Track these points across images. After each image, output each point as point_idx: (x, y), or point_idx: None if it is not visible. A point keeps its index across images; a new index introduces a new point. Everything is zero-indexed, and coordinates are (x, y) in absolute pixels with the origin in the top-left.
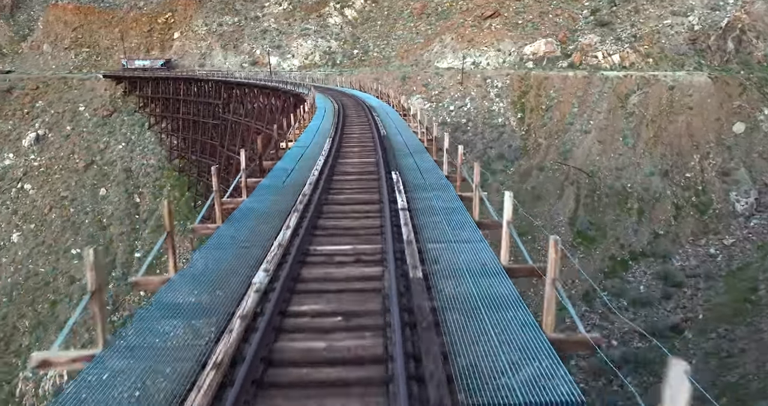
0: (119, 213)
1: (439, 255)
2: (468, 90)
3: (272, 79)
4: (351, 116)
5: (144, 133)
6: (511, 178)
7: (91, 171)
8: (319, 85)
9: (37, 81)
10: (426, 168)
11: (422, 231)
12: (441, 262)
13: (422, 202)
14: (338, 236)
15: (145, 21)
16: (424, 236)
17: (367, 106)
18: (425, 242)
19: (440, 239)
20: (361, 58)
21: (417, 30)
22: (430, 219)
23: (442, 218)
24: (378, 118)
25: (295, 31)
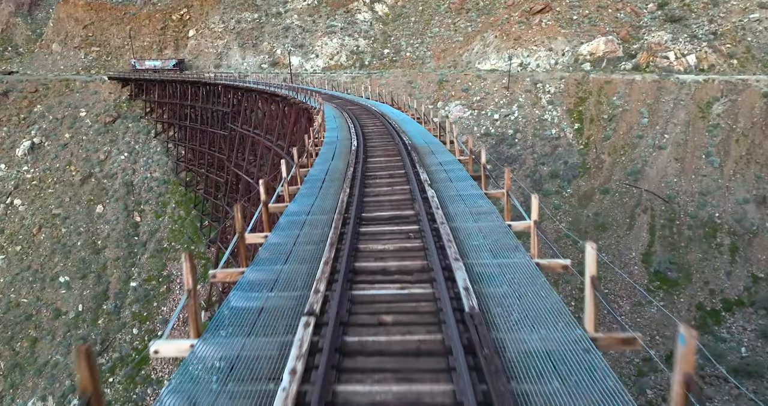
0: (116, 234)
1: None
2: (515, 96)
3: (284, 85)
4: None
5: (149, 141)
6: (568, 202)
7: (88, 185)
8: (337, 95)
9: (36, 83)
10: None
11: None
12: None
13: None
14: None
15: (159, 18)
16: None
17: (407, 147)
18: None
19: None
20: (392, 59)
21: (455, 27)
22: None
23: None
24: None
25: (320, 29)
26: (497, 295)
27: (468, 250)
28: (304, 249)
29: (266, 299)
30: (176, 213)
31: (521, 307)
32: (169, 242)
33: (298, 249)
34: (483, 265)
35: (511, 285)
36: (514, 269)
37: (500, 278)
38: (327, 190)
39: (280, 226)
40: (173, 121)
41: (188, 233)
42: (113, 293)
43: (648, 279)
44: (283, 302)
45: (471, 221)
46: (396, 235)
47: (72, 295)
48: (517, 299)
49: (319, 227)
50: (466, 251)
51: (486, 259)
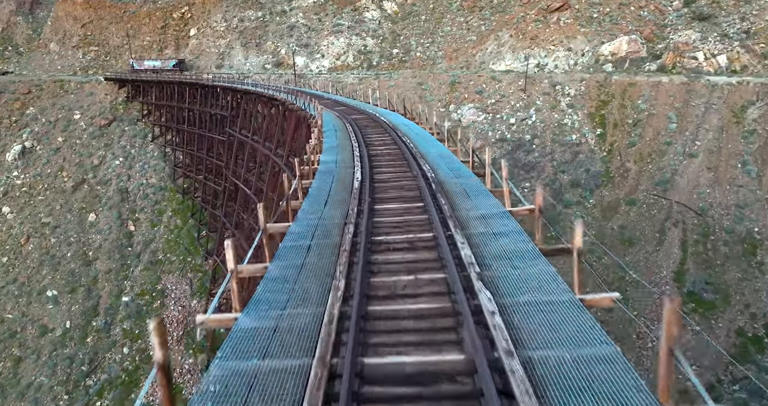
0: (108, 245)
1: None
2: (532, 99)
3: (283, 88)
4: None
5: (146, 146)
6: (591, 213)
7: (80, 192)
8: (342, 101)
9: (30, 84)
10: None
11: None
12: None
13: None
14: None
15: (159, 16)
16: None
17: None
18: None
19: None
20: (401, 59)
21: (468, 26)
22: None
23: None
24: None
25: (326, 28)
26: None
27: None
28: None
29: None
30: (173, 222)
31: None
32: (164, 253)
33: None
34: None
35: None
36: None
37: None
38: (305, 284)
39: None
40: (171, 125)
41: (185, 243)
42: (103, 309)
43: (681, 300)
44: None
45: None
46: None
47: (60, 310)
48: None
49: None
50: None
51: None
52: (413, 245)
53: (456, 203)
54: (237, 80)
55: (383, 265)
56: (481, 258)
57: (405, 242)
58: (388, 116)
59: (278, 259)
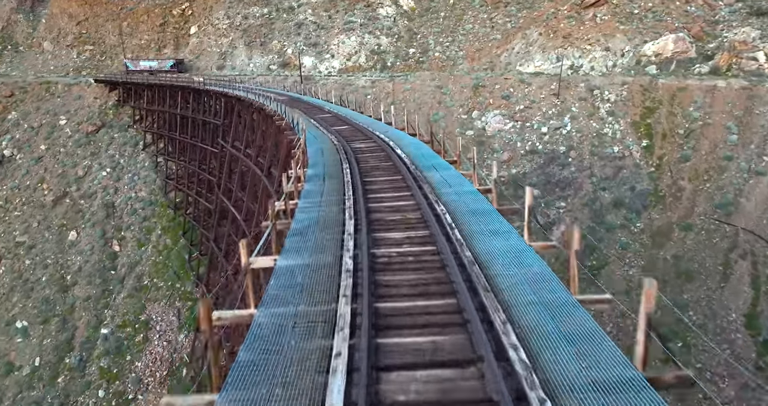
0: (89, 267)
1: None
2: (567, 105)
3: (279, 95)
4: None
5: (137, 155)
6: (638, 240)
7: (61, 207)
8: (346, 118)
9: (14, 86)
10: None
11: None
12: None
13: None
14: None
15: (158, 13)
16: None
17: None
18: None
19: None
20: (418, 60)
21: (492, 23)
22: None
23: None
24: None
25: (337, 25)
26: None
27: None
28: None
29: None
30: (162, 242)
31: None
32: (150, 278)
33: None
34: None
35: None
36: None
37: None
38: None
39: None
40: (163, 132)
41: (174, 266)
42: (79, 343)
43: (756, 352)
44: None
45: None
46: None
47: (29, 344)
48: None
49: None
50: None
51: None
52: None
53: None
54: (229, 84)
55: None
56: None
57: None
58: (410, 147)
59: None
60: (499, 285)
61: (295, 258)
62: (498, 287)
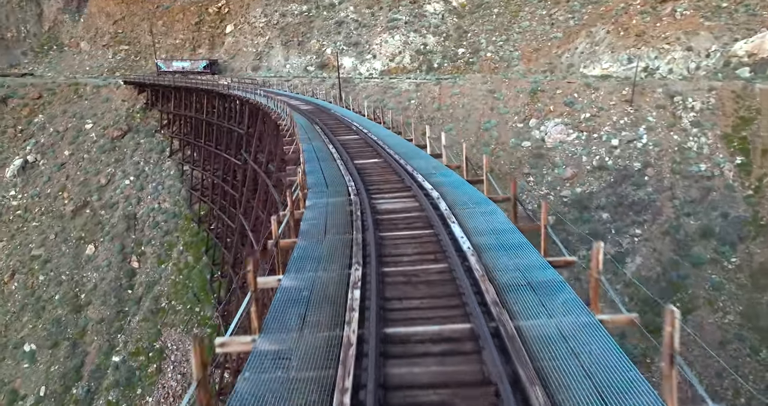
0: (105, 285)
1: None
2: (642, 113)
3: (299, 101)
4: None
5: (162, 162)
6: (734, 279)
7: (80, 218)
8: (377, 141)
9: (42, 88)
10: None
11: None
12: None
13: None
14: None
15: (194, 11)
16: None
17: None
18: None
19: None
20: (468, 61)
21: (552, 20)
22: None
23: None
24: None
25: (380, 23)
26: None
27: None
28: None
29: None
30: (183, 259)
31: None
32: (168, 300)
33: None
34: None
35: None
36: None
37: None
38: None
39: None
40: (189, 139)
41: (194, 287)
42: (88, 371)
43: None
44: None
45: None
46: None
47: (36, 371)
48: None
49: None
50: None
51: None
52: None
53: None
54: (256, 87)
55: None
56: None
57: None
58: (463, 205)
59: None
60: None
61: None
62: None
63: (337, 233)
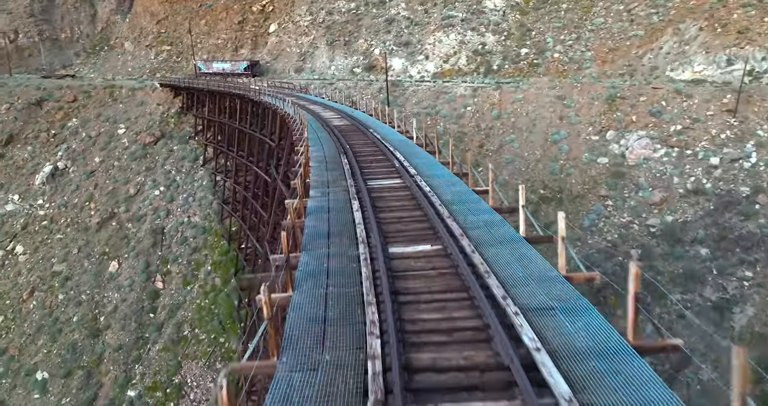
0: (126, 308)
1: None
2: (749, 126)
3: (333, 112)
4: None
5: (195, 171)
6: None
7: (105, 231)
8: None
9: (78, 90)
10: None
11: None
12: None
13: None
14: None
15: (237, 9)
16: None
17: None
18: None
19: None
20: (532, 62)
21: (631, 15)
22: None
23: None
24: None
25: (434, 21)
26: None
27: None
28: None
29: None
30: (210, 281)
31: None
32: (192, 327)
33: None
34: None
35: None
36: None
37: None
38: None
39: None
40: (222, 147)
41: (220, 314)
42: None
43: None
44: None
45: None
46: None
47: (46, 403)
48: None
49: None
50: None
51: None
52: None
53: None
54: (290, 92)
55: None
56: None
57: None
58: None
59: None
60: None
61: None
62: None
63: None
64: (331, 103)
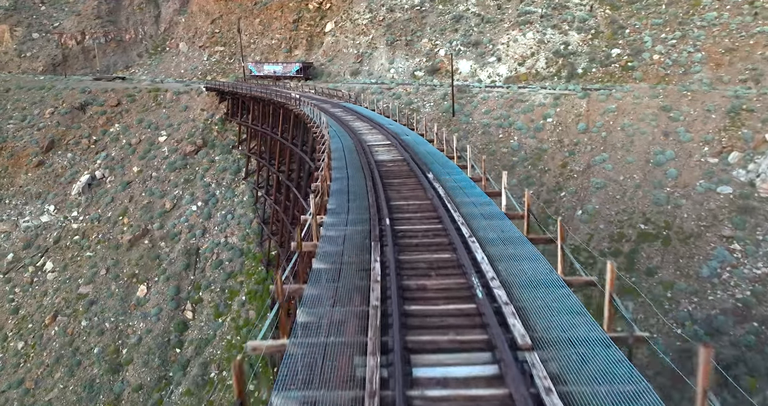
0: (151, 341)
1: None
2: None
3: (379, 130)
4: None
5: (236, 185)
6: None
7: (137, 250)
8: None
9: (123, 94)
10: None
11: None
12: None
13: None
14: None
15: (293, 7)
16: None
17: None
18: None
19: None
20: (626, 66)
21: (755, 8)
22: None
23: None
24: None
25: (509, 18)
26: None
27: None
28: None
29: None
30: (244, 313)
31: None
32: (219, 369)
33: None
34: None
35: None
36: None
37: None
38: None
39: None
40: (264, 161)
41: (252, 356)
42: None
43: None
44: None
45: None
46: None
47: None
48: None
49: None
50: None
51: None
52: None
53: None
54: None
55: None
56: None
57: None
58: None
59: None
60: None
61: None
62: None
63: None
64: (382, 120)
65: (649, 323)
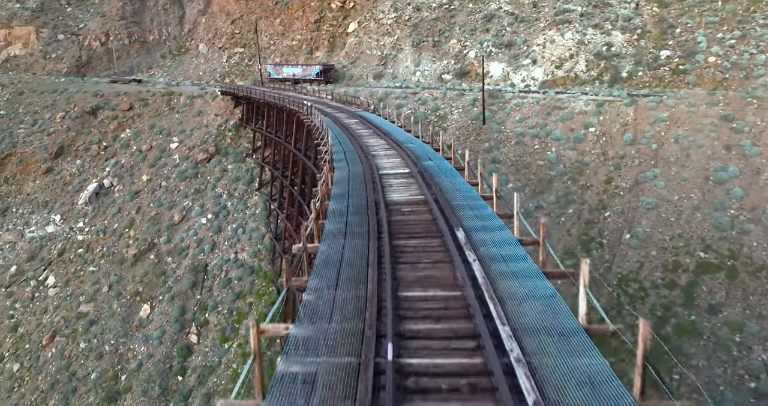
0: (151, 366)
1: None
2: None
3: (396, 147)
4: None
5: (249, 196)
6: None
7: (142, 265)
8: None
9: (136, 98)
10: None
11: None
12: None
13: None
14: None
15: (315, 7)
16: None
17: None
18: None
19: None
20: (677, 69)
21: None
22: None
23: None
24: None
25: (545, 17)
26: None
27: None
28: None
29: None
30: (246, 347)
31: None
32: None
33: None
34: None
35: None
36: None
37: None
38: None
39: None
40: (277, 172)
41: None
42: None
43: None
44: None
45: None
46: None
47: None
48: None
49: None
50: None
51: None
52: None
53: None
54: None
55: None
56: None
57: None
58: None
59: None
60: None
61: None
62: None
63: None
64: (400, 135)
65: (714, 373)
